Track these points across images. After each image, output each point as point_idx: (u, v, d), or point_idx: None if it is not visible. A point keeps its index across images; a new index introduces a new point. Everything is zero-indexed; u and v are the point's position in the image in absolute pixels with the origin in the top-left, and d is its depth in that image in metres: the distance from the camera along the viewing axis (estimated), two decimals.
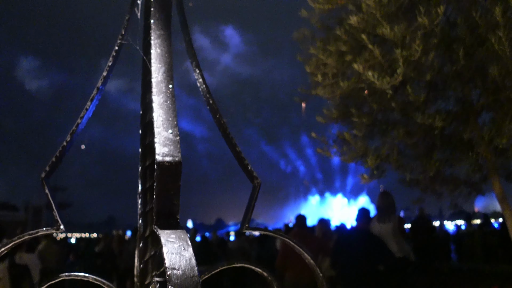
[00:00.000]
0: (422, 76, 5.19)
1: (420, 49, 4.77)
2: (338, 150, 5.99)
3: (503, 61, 4.98)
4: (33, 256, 12.19)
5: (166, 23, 1.93)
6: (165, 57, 1.80)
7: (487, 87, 5.91)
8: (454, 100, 6.50)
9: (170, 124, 1.56)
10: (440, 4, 5.00)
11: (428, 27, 4.92)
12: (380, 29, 4.91)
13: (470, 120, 6.24)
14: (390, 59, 5.05)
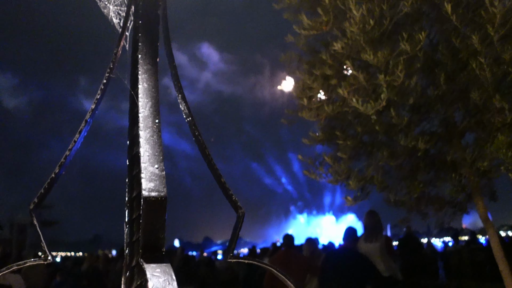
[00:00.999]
0: (405, 99, 5.31)
1: (402, 74, 4.89)
2: (323, 172, 6.06)
3: (484, 86, 5.12)
4: (18, 276, 11.97)
5: (153, 58, 1.99)
6: (151, 91, 1.86)
7: (469, 110, 6.06)
8: (438, 121, 6.63)
9: (156, 159, 1.62)
10: (423, 30, 5.14)
11: (411, 52, 5.05)
12: (364, 55, 5.03)
13: (453, 142, 6.37)
14: (374, 83, 5.17)
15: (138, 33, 2.09)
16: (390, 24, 5.28)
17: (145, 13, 2.15)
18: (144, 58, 1.96)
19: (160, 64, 2.04)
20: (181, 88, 2.06)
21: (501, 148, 4.98)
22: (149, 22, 2.12)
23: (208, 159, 1.97)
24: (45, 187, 1.87)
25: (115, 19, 2.47)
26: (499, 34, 5.04)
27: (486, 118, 5.75)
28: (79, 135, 1.95)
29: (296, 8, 6.41)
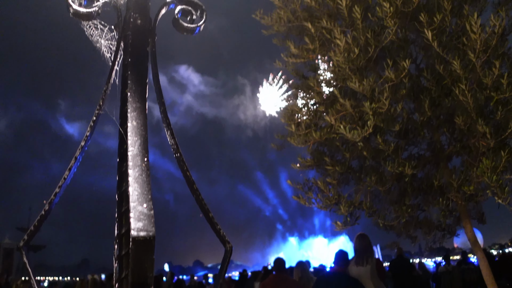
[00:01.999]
0: (391, 126, 5.40)
1: (387, 101, 4.99)
2: (313, 197, 6.10)
3: (468, 111, 5.23)
4: None
5: (142, 96, 2.04)
6: (140, 129, 1.90)
7: (455, 135, 6.17)
8: (425, 145, 6.72)
9: (144, 198, 1.65)
10: (407, 58, 5.25)
11: (396, 80, 5.15)
12: (350, 83, 5.12)
13: (441, 165, 6.45)
14: (361, 110, 5.26)
15: (127, 70, 2.14)
16: (375, 52, 5.40)
17: (135, 51, 2.21)
18: (134, 96, 2.01)
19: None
20: (169, 125, 2.11)
21: (486, 172, 5.06)
22: (138, 60, 2.18)
23: (196, 194, 2.01)
24: (34, 224, 1.89)
25: (107, 54, 2.52)
26: (481, 60, 5.17)
27: (471, 142, 5.85)
28: (69, 172, 1.98)
29: (284, 35, 6.54)
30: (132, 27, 2.26)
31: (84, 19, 2.32)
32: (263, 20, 6.43)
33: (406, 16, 5.98)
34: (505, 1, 6.56)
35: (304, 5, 6.12)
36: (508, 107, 5.27)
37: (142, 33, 2.26)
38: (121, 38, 2.28)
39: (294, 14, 6.26)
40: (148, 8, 2.34)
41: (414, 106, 6.18)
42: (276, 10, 6.41)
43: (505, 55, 6.01)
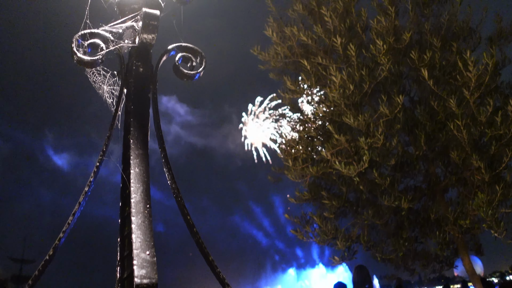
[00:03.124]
0: (387, 160, 5.47)
1: (382, 137, 5.07)
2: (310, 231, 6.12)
3: (462, 146, 5.31)
4: None
5: (144, 143, 2.11)
6: (143, 176, 1.96)
7: (450, 168, 6.24)
8: (421, 177, 6.78)
9: (147, 245, 1.70)
10: (401, 93, 5.37)
11: (390, 115, 5.25)
12: (345, 118, 5.22)
13: (437, 197, 6.50)
14: (356, 145, 5.34)
15: (130, 117, 2.21)
16: (369, 88, 5.52)
17: (137, 98, 2.29)
18: (136, 142, 2.08)
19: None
20: (170, 169, 2.17)
21: (481, 206, 5.11)
22: (140, 107, 2.26)
23: (196, 237, 2.06)
24: (39, 269, 1.93)
25: (109, 99, 2.60)
26: (474, 96, 5.29)
27: (466, 175, 5.93)
28: (73, 217, 2.03)
29: (281, 70, 6.68)
30: (134, 74, 2.34)
31: (88, 66, 2.41)
32: (260, 56, 6.57)
33: (399, 52, 6.14)
34: (496, 37, 6.75)
35: (300, 41, 6.27)
36: (502, 142, 5.37)
37: (144, 80, 2.34)
38: (123, 85, 2.37)
39: (290, 50, 6.41)
40: (150, 55, 2.44)
41: (409, 139, 6.27)
42: (273, 46, 6.56)
43: (498, 89, 6.15)
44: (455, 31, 6.61)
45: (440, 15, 6.71)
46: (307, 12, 6.51)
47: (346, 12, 6.47)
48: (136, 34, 2.34)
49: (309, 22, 6.60)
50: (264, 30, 6.48)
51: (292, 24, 6.42)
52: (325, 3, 6.43)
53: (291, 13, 6.68)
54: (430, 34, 6.18)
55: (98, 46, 2.39)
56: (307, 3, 6.69)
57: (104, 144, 2.21)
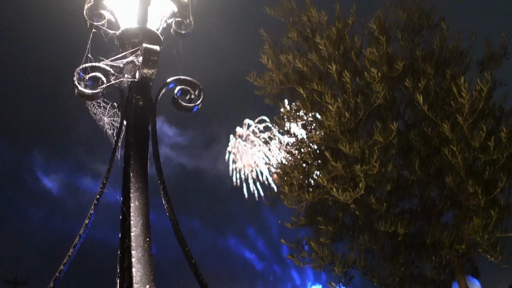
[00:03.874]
0: (383, 186, 5.53)
1: (378, 164, 5.13)
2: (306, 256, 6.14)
3: (457, 171, 5.38)
4: None
5: (143, 176, 2.15)
6: (143, 209, 1.99)
7: (445, 192, 6.29)
8: (417, 200, 6.82)
9: (147, 278, 1.73)
10: (395, 120, 5.46)
11: (384, 142, 5.33)
12: (340, 146, 5.29)
13: (432, 221, 6.53)
14: (352, 171, 5.39)
15: (130, 150, 2.25)
16: (364, 115, 5.60)
17: (137, 131, 2.33)
18: (136, 175, 2.11)
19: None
20: (169, 202, 2.20)
21: (477, 231, 5.15)
22: (140, 140, 2.30)
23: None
24: None
25: (109, 131, 2.65)
26: (468, 122, 5.38)
27: (461, 199, 5.97)
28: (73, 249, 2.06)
29: (276, 95, 6.77)
30: (134, 107, 2.39)
31: (89, 99, 2.46)
32: (256, 82, 6.66)
33: (393, 79, 6.24)
34: (487, 61, 6.87)
35: (295, 68, 6.37)
36: (496, 167, 5.44)
37: (144, 113, 2.39)
38: (123, 117, 2.41)
39: (286, 77, 6.50)
40: (150, 89, 2.49)
41: (404, 163, 6.33)
42: (268, 72, 6.66)
43: (491, 113, 6.24)
44: (446, 56, 6.74)
45: (430, 41, 6.85)
46: (301, 39, 6.63)
47: (340, 39, 6.59)
48: (136, 68, 2.40)
49: (304, 48, 6.71)
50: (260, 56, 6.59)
51: (287, 51, 6.53)
52: (319, 30, 6.56)
53: (286, 40, 6.80)
54: (422, 60, 6.30)
55: (99, 80, 2.44)
56: (301, 30, 6.81)
57: (104, 176, 2.24)
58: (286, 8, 6.90)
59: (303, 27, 6.72)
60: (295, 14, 6.84)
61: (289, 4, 6.87)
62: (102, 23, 2.73)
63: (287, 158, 6.29)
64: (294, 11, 6.87)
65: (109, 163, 2.26)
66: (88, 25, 2.72)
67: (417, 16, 6.80)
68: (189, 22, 2.90)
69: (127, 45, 2.60)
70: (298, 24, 6.81)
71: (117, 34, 2.67)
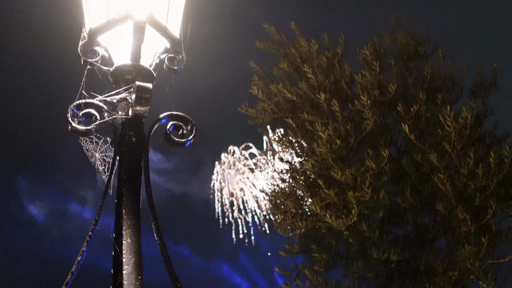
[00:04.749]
0: (375, 212, 5.57)
1: (370, 190, 5.19)
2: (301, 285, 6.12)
3: (447, 198, 5.43)
4: None
5: (136, 212, 2.18)
6: (135, 247, 2.02)
7: (437, 218, 6.33)
8: (410, 226, 6.85)
9: None
10: (386, 147, 5.53)
11: (376, 169, 5.39)
12: (333, 173, 5.35)
13: (426, 247, 6.55)
14: (345, 198, 5.44)
15: (122, 186, 2.29)
16: (355, 142, 5.68)
17: (130, 167, 2.38)
18: (128, 212, 2.15)
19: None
20: (161, 238, 2.23)
21: (469, 258, 5.18)
22: (133, 176, 2.35)
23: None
24: None
25: (101, 167, 2.68)
26: (457, 149, 5.46)
27: (454, 225, 6.01)
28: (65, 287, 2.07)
29: (269, 125, 6.85)
30: (127, 144, 2.44)
31: (82, 135, 2.50)
32: (248, 113, 6.74)
33: (384, 105, 6.34)
34: (478, 88, 7.00)
35: (286, 97, 6.46)
36: (486, 193, 5.50)
37: (137, 150, 2.44)
38: (116, 154, 2.45)
39: (277, 106, 6.59)
40: (143, 125, 2.54)
41: (396, 190, 6.38)
42: (260, 102, 6.75)
43: (480, 139, 6.33)
44: (438, 84, 6.86)
45: (423, 68, 6.98)
46: (292, 69, 6.75)
47: (330, 67, 6.71)
48: (130, 106, 2.45)
49: (295, 78, 6.82)
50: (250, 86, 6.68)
51: (278, 81, 6.64)
52: (309, 60, 6.69)
53: (277, 71, 6.92)
54: (414, 87, 6.42)
55: (93, 116, 2.49)
56: (292, 60, 6.94)
57: (97, 213, 2.27)
58: (276, 41, 7.04)
59: (294, 57, 6.84)
60: (285, 46, 6.98)
61: (279, 37, 7.01)
62: (96, 60, 2.79)
63: (279, 185, 6.33)
64: (285, 43, 7.02)
65: (102, 200, 2.29)
66: (82, 61, 2.78)
67: (412, 44, 6.95)
68: (182, 57, 2.97)
69: (120, 81, 2.66)
70: (289, 55, 6.94)
71: (111, 71, 2.73)
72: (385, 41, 7.01)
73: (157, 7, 2.77)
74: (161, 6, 2.81)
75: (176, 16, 2.97)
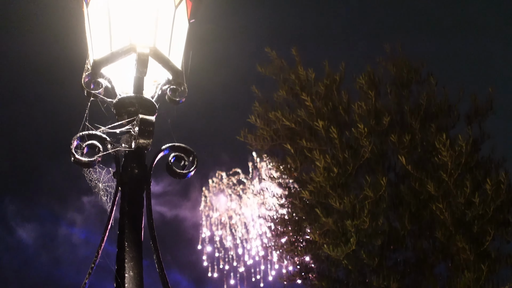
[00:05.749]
0: (374, 240, 5.57)
1: (368, 219, 5.20)
2: None
3: (446, 226, 5.45)
4: None
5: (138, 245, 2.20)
6: (137, 279, 2.03)
7: (436, 244, 6.33)
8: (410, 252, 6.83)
9: None
10: (384, 175, 5.56)
11: (375, 197, 5.41)
12: (331, 201, 5.37)
13: (426, 273, 6.52)
14: (343, 225, 5.45)
15: (125, 219, 2.31)
16: (353, 170, 5.71)
17: (132, 200, 2.40)
18: (131, 245, 2.16)
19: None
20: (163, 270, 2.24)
21: (468, 285, 5.17)
22: (135, 208, 2.36)
23: None
24: None
25: (104, 197, 2.70)
26: (454, 177, 5.49)
27: (453, 251, 6.00)
28: None
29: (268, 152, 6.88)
30: (129, 175, 2.46)
31: (85, 167, 2.52)
32: (247, 140, 6.79)
33: (381, 132, 6.40)
34: (474, 114, 7.05)
35: (285, 124, 6.51)
36: (484, 220, 5.51)
37: (139, 182, 2.46)
38: (119, 185, 2.47)
39: (276, 133, 6.64)
40: (145, 157, 2.57)
41: (395, 216, 6.39)
42: (259, 128, 6.79)
43: (478, 165, 6.36)
44: (434, 110, 6.91)
45: (418, 95, 7.05)
46: (291, 96, 6.83)
47: (328, 94, 6.78)
48: (133, 138, 2.47)
49: (294, 105, 6.90)
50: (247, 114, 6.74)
51: (277, 108, 6.71)
52: (308, 87, 6.77)
53: (276, 97, 6.99)
54: (409, 114, 6.47)
55: (96, 147, 2.51)
56: (292, 85, 7.02)
57: (99, 245, 2.28)
58: (276, 66, 7.14)
59: (293, 83, 6.93)
60: (285, 71, 7.07)
61: (280, 62, 7.11)
62: (99, 91, 2.83)
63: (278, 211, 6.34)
64: (285, 68, 7.12)
65: (104, 232, 2.31)
66: (85, 93, 2.82)
67: (405, 71, 7.02)
68: (183, 89, 3.00)
69: (123, 113, 2.69)
70: (289, 80, 7.03)
71: (114, 102, 2.76)
72: (380, 69, 7.09)
73: (160, 39, 2.81)
74: (163, 38, 2.86)
75: (178, 48, 3.01)
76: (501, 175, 5.73)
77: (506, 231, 5.85)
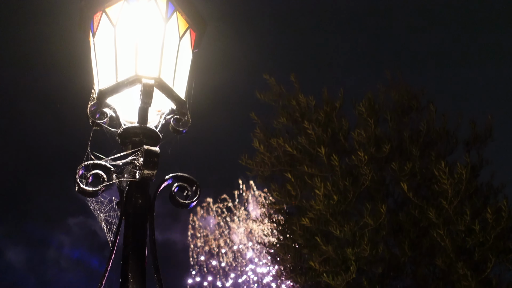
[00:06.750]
0: (375, 268, 5.55)
1: (368, 247, 5.20)
2: None
3: (446, 253, 5.44)
4: None
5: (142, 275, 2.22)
6: None
7: (437, 270, 6.30)
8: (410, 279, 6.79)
9: None
10: (384, 202, 5.57)
11: (374, 225, 5.42)
12: (331, 228, 5.37)
13: None
14: (343, 254, 5.43)
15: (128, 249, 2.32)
16: (354, 197, 5.72)
17: (136, 230, 2.41)
18: (134, 275, 2.18)
19: None
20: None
21: None
22: (138, 238, 2.38)
23: None
24: None
25: (105, 227, 2.71)
26: (453, 204, 5.51)
27: (454, 278, 5.97)
28: None
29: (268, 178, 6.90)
30: (133, 206, 2.48)
31: (89, 196, 2.55)
32: (248, 165, 6.81)
33: (381, 160, 6.43)
34: (473, 140, 7.09)
35: (287, 151, 6.55)
36: (485, 247, 5.51)
37: (142, 212, 2.48)
38: (122, 215, 2.49)
39: (277, 159, 6.67)
40: (149, 187, 2.59)
41: (395, 242, 6.37)
42: (260, 154, 6.82)
43: (477, 191, 6.37)
44: (433, 137, 6.96)
45: (418, 122, 7.10)
46: (291, 123, 6.87)
47: (328, 121, 6.83)
48: (137, 168, 2.50)
49: (294, 131, 6.94)
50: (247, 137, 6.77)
51: (278, 134, 6.75)
52: (308, 114, 6.83)
53: (276, 123, 7.03)
54: (409, 142, 6.51)
55: (100, 177, 2.54)
56: (291, 112, 7.07)
57: (102, 275, 2.29)
58: (276, 92, 7.21)
59: (293, 109, 6.98)
60: (285, 98, 7.14)
61: (279, 89, 7.18)
62: (104, 121, 2.86)
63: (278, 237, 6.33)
64: (284, 95, 7.18)
65: (107, 263, 2.31)
66: (90, 122, 2.86)
67: (406, 98, 7.09)
68: (187, 119, 3.04)
69: (128, 143, 2.72)
70: (288, 107, 7.08)
71: (118, 132, 2.79)
72: (380, 95, 7.15)
73: (164, 70, 2.86)
74: (168, 69, 2.91)
75: (182, 78, 3.06)
76: (501, 202, 5.74)
77: (507, 258, 5.83)
